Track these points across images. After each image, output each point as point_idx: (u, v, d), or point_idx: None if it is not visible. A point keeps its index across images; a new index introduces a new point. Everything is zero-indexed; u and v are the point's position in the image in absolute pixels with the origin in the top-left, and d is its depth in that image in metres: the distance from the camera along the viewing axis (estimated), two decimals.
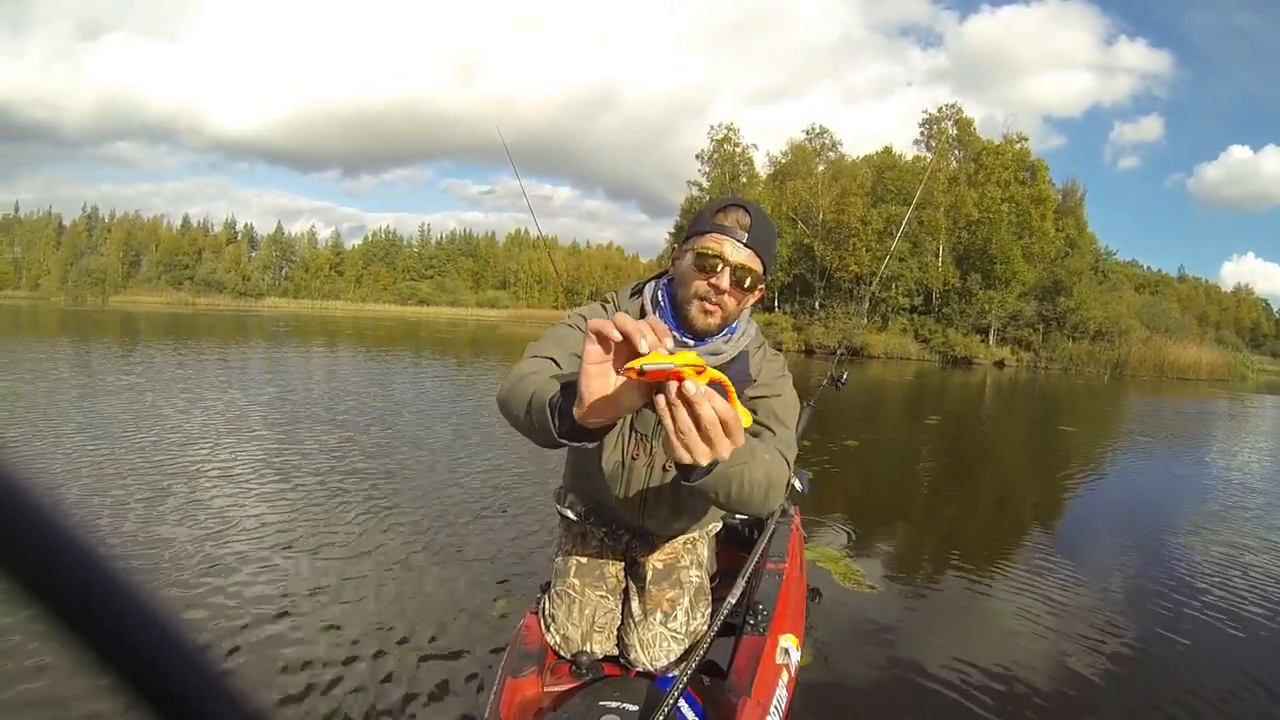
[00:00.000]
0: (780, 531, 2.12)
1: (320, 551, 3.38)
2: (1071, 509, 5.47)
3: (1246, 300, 66.93)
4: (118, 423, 6.03)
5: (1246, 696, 2.52)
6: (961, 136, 33.20)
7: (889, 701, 2.38)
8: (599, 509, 1.69)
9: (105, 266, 67.32)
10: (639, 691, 1.40)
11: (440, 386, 10.60)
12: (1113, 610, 3.24)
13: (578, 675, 1.56)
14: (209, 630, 2.56)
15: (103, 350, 13.44)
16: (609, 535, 1.71)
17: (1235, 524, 4.93)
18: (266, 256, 74.40)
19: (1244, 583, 3.69)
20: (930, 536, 4.49)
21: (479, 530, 3.80)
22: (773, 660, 1.62)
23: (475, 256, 77.52)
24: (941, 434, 9.35)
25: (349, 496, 4.27)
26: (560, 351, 1.37)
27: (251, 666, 2.35)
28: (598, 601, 1.65)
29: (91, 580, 0.22)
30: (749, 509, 1.20)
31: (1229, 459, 8.37)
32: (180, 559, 3.18)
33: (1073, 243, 32.58)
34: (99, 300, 57.40)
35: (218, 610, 2.71)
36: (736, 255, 1.34)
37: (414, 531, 3.71)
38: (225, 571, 3.07)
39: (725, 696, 1.46)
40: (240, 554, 3.28)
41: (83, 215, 73.77)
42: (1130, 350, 28.08)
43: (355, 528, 3.74)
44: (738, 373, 1.45)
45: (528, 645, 1.61)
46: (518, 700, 1.46)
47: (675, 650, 1.59)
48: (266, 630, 2.59)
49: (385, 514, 3.98)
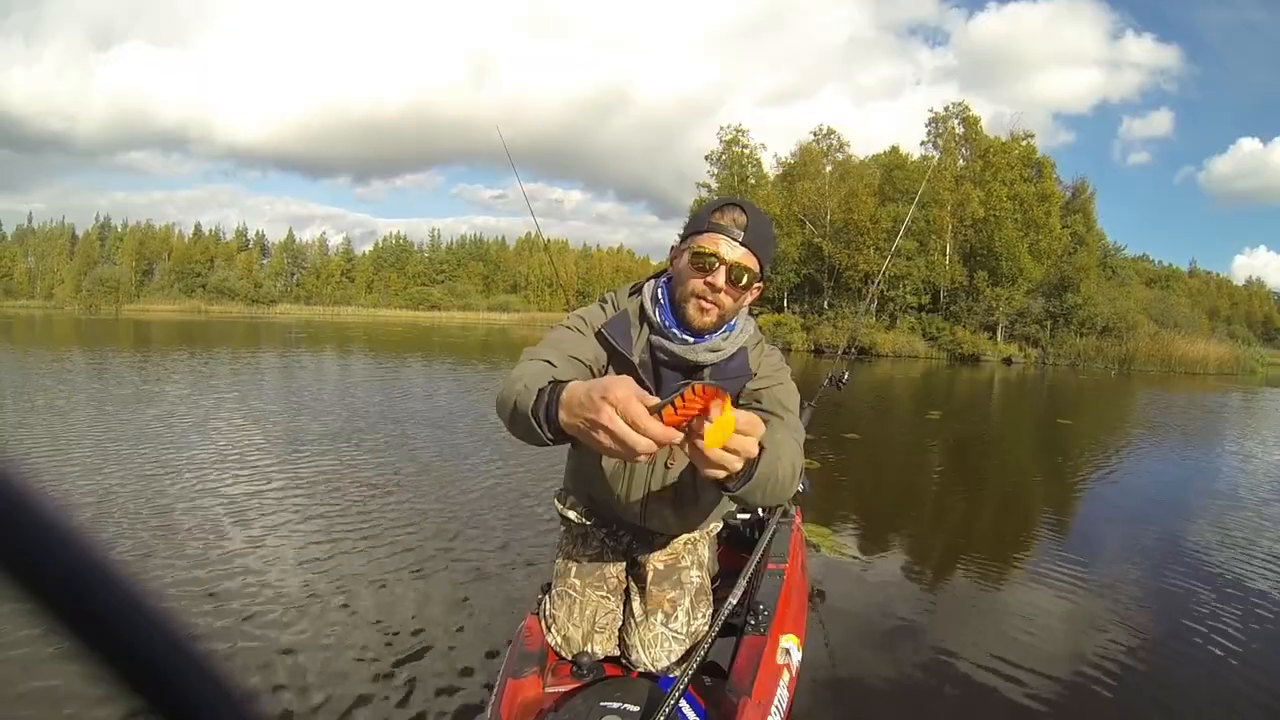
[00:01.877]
0: (781, 532, 2.12)
1: (319, 553, 3.41)
2: (1077, 503, 5.48)
3: (1258, 294, 66.40)
4: (136, 436, 6.13)
5: (1256, 694, 2.50)
6: (968, 135, 33.20)
7: (891, 701, 2.38)
8: (600, 510, 1.70)
9: (118, 275, 67.84)
10: (640, 692, 1.41)
11: (451, 388, 10.71)
12: (1120, 608, 3.23)
13: (579, 676, 1.56)
14: (209, 630, 2.59)
15: (123, 358, 13.69)
16: (610, 536, 1.71)
17: (1237, 513, 4.94)
18: (278, 263, 74.89)
19: (1254, 572, 3.70)
20: (936, 532, 4.49)
21: (479, 531, 3.82)
22: (774, 660, 1.61)
23: (486, 260, 77.63)
24: (946, 429, 9.38)
25: (350, 499, 4.29)
26: (556, 354, 1.37)
27: (251, 666, 2.37)
28: (598, 602, 1.65)
29: (102, 590, 0.23)
30: (778, 500, 1.27)
31: (1231, 449, 8.41)
32: (184, 560, 3.21)
33: (1080, 239, 32.54)
34: (113, 309, 57.82)
35: (217, 610, 2.74)
36: (732, 254, 1.37)
37: (414, 532, 3.74)
38: (224, 571, 3.11)
39: (726, 697, 1.46)
40: (242, 556, 3.31)
41: (95, 225, 74.38)
42: (1138, 345, 27.97)
43: (355, 528, 3.77)
44: (738, 367, 1.48)
45: (528, 646, 1.61)
46: (518, 701, 1.46)
47: (676, 651, 1.59)
48: (267, 631, 2.61)
49: (385, 514, 4.02)
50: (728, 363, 1.48)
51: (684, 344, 1.45)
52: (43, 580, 0.22)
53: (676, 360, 1.47)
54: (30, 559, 0.22)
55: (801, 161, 34.39)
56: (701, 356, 1.45)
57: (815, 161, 34.11)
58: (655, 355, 1.48)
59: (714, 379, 1.44)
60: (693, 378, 1.37)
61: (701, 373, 1.47)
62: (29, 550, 0.22)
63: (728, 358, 1.47)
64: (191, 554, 3.33)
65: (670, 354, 1.46)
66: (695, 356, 1.45)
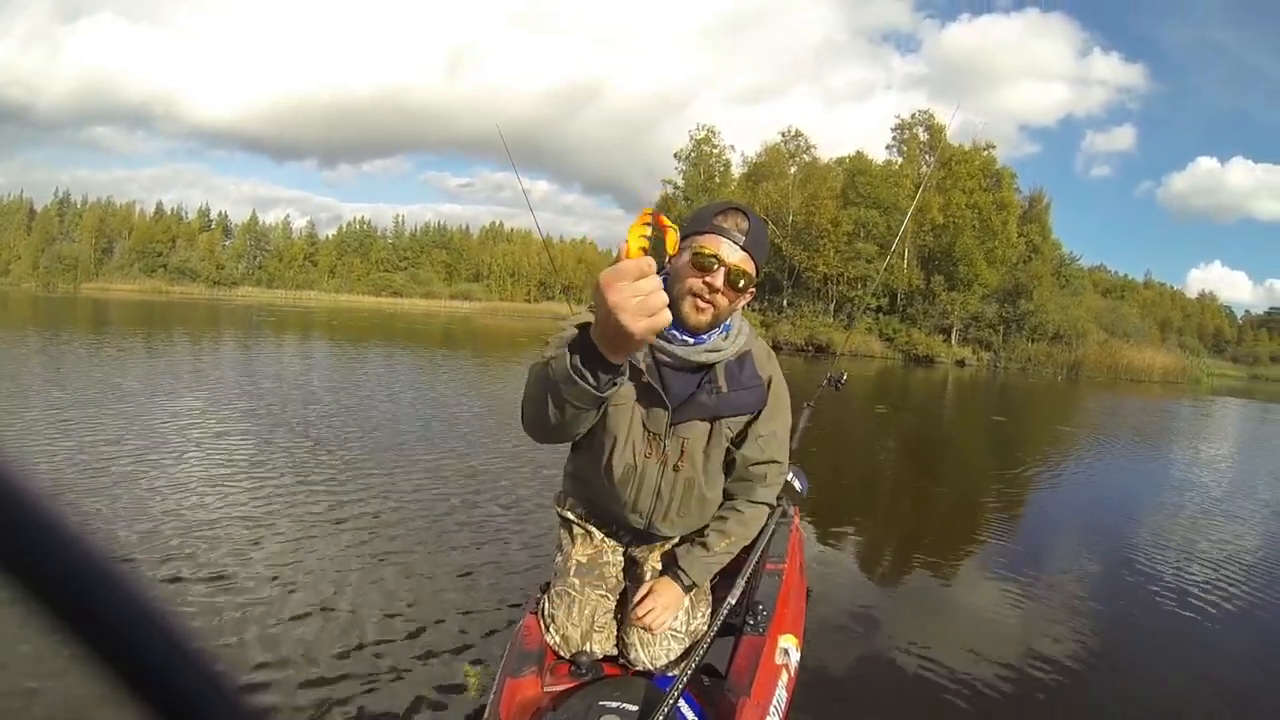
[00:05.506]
0: (780, 532, 2.10)
1: (318, 552, 3.35)
2: (1025, 496, 5.84)
3: (1210, 307, 68.62)
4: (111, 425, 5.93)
5: (1206, 678, 2.66)
6: (933, 142, 33.86)
7: (890, 701, 2.42)
8: (600, 511, 1.71)
9: (77, 253, 66.10)
10: (638, 691, 1.41)
11: (447, 382, 10.59)
12: (1101, 599, 3.43)
13: (577, 675, 1.55)
14: (208, 630, 2.55)
15: (93, 341, 13.08)
16: (609, 536, 1.72)
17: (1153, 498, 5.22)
18: (240, 245, 73.05)
19: (1179, 561, 4.01)
20: (920, 531, 4.63)
21: (479, 531, 3.80)
22: (772, 660, 1.62)
23: (449, 249, 76.85)
24: (898, 423, 9.85)
25: (350, 500, 4.21)
26: None
27: (250, 666, 2.33)
28: (597, 601, 1.65)
29: (103, 590, 0.23)
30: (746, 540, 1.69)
31: (1158, 452, 9.15)
32: (178, 561, 3.13)
33: (1036, 248, 33.43)
34: (71, 287, 56.24)
35: (216, 610, 2.71)
36: (733, 256, 1.39)
37: (413, 531, 3.72)
38: (222, 574, 3.03)
39: (725, 696, 1.47)
40: (239, 554, 3.25)
41: (55, 200, 72.31)
42: (1086, 352, 29.00)
43: (355, 527, 3.72)
44: (748, 377, 1.53)
45: (527, 645, 1.60)
46: (517, 700, 1.46)
47: (675, 650, 1.60)
48: (265, 630, 2.57)
49: (385, 513, 3.98)
50: (739, 371, 1.53)
51: (684, 345, 1.48)
52: (43, 580, 0.22)
53: (679, 361, 1.50)
54: (30, 559, 0.22)
55: (767, 162, 34.80)
56: (702, 357, 1.49)
57: (781, 163, 34.54)
58: (657, 358, 1.50)
59: (729, 389, 1.52)
60: (702, 377, 1.50)
61: (712, 371, 1.51)
62: (29, 550, 0.22)
63: (735, 363, 1.53)
64: (184, 557, 3.23)
65: (672, 355, 1.49)
66: (697, 357, 1.49)
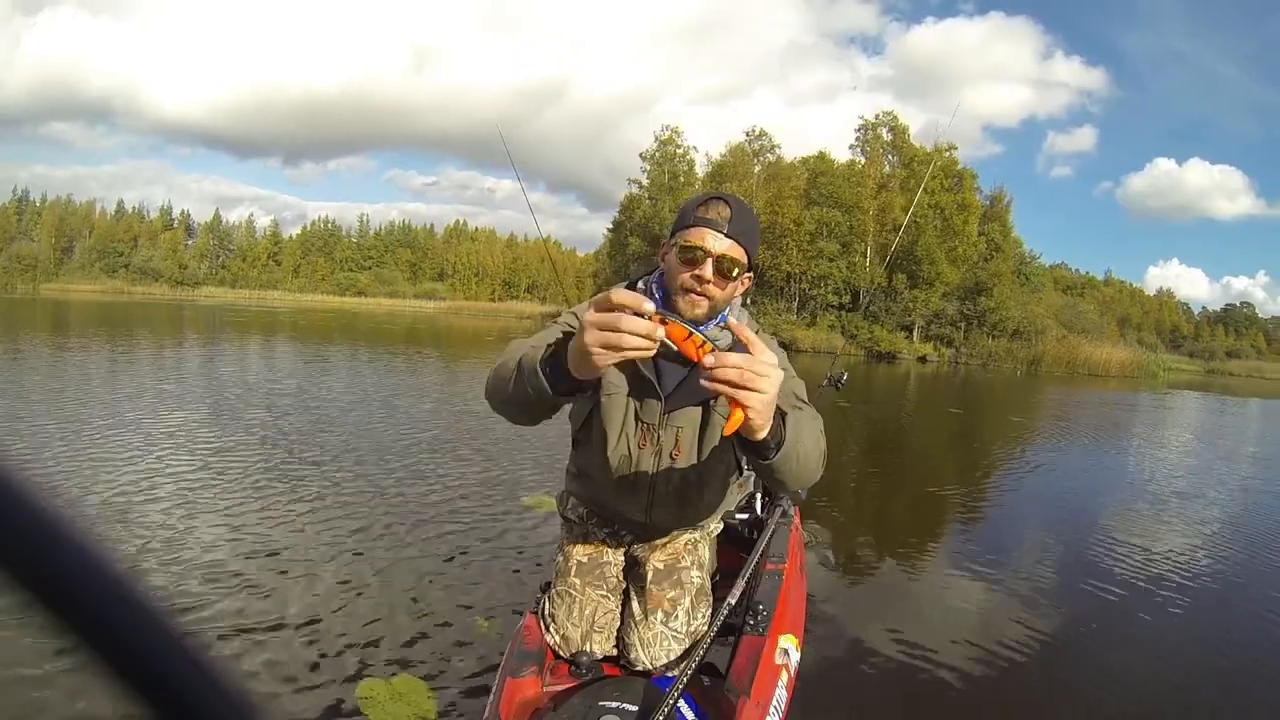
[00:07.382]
0: (780, 532, 2.11)
1: (317, 553, 3.33)
2: (1010, 490, 6.10)
3: (1168, 303, 70.39)
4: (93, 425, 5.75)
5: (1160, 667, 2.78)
6: (896, 143, 34.32)
7: (889, 701, 2.44)
8: (602, 511, 1.71)
9: (36, 253, 64.62)
10: (638, 691, 1.41)
11: (439, 383, 10.58)
12: (1092, 595, 3.53)
13: (577, 675, 1.55)
14: (207, 631, 2.54)
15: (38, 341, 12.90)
16: (610, 535, 1.72)
17: None
18: (203, 245, 71.49)
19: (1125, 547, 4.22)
20: (915, 527, 4.73)
21: (478, 529, 3.79)
22: (772, 661, 1.62)
23: (413, 248, 76.13)
24: (866, 417, 10.26)
25: (349, 499, 4.18)
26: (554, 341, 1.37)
27: (249, 665, 2.33)
28: (598, 601, 1.64)
29: (106, 594, 0.23)
30: (806, 477, 1.32)
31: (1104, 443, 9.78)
32: (173, 567, 3.08)
33: (997, 246, 34.03)
34: (30, 288, 54.96)
35: (216, 609, 2.71)
36: (718, 246, 1.39)
37: (412, 531, 3.70)
38: (220, 573, 3.01)
39: (725, 697, 1.46)
40: (234, 555, 3.23)
41: (13, 198, 70.52)
42: (1045, 348, 29.64)
43: (354, 527, 3.70)
44: None
45: (527, 645, 1.59)
46: (517, 700, 1.45)
47: (675, 650, 1.60)
48: (263, 629, 2.58)
49: (384, 513, 3.95)
50: None
51: None
52: (42, 580, 0.22)
53: (674, 354, 1.47)
54: (31, 559, 0.22)
55: (731, 162, 35.06)
56: None
57: (745, 163, 34.83)
58: None
59: None
60: (695, 365, 1.44)
61: None
62: (31, 552, 0.22)
63: (729, 348, 1.51)
64: (180, 562, 3.17)
65: (667, 348, 1.47)
66: None
